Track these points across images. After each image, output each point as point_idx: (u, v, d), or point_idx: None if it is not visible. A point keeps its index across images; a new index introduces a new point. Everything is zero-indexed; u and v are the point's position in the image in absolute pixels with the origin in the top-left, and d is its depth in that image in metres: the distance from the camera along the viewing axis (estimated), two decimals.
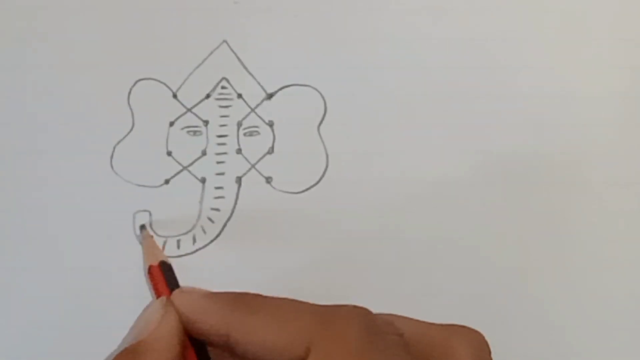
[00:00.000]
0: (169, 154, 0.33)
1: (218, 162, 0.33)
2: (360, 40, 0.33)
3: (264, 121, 0.33)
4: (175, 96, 0.33)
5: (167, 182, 0.32)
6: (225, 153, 0.33)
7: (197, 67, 0.33)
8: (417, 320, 0.25)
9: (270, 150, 0.33)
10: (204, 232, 0.32)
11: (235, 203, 0.32)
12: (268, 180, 0.32)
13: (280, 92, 0.33)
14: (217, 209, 0.32)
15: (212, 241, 0.32)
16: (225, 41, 0.33)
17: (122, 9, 0.34)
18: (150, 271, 0.29)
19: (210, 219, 0.32)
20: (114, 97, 0.33)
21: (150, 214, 0.32)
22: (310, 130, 0.33)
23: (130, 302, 0.31)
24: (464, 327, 0.25)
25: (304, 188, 0.32)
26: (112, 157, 0.32)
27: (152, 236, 0.31)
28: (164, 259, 0.29)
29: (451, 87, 0.33)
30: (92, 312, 0.31)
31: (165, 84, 0.33)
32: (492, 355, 0.24)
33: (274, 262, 0.31)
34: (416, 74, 0.33)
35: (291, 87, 0.33)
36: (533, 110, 0.33)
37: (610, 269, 0.32)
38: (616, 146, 0.33)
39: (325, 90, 0.33)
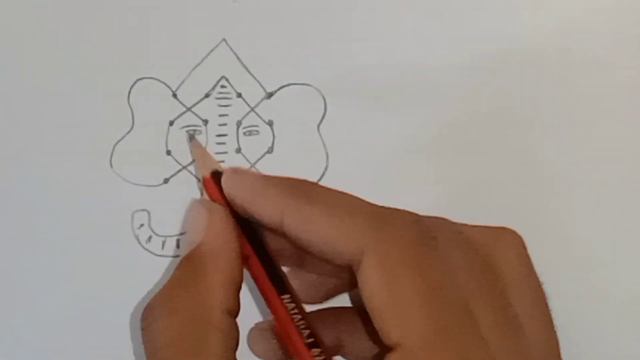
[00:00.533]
0: (169, 153, 0.33)
1: (218, 162, 0.33)
2: (360, 39, 0.33)
3: (263, 120, 0.33)
4: (174, 95, 0.33)
5: (166, 181, 0.32)
6: (225, 152, 0.33)
7: (197, 66, 0.33)
8: (462, 224, 0.25)
9: (270, 150, 0.33)
10: None
11: None
12: None
13: (280, 91, 0.33)
14: None
15: None
16: (224, 40, 0.33)
17: (121, 8, 0.33)
18: (204, 184, 0.28)
19: None
20: (113, 97, 0.33)
21: (149, 213, 0.32)
22: (310, 129, 0.33)
23: (130, 302, 0.31)
24: (504, 227, 0.25)
25: None
26: (111, 156, 0.32)
27: (203, 146, 0.31)
28: (217, 168, 0.28)
29: (451, 87, 0.33)
30: (90, 312, 0.31)
31: (164, 83, 0.33)
32: None
33: None
34: (416, 73, 0.33)
35: (291, 86, 0.33)
36: (533, 110, 0.33)
37: (610, 269, 0.32)
38: (616, 146, 0.33)
39: (325, 90, 0.33)
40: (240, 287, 0.24)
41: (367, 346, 0.27)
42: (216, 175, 0.27)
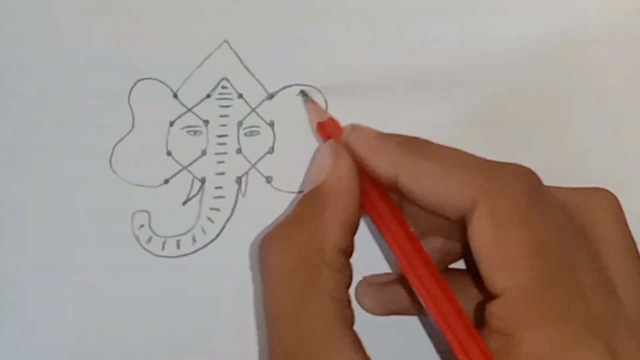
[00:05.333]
0: (169, 153, 0.33)
1: (218, 162, 0.33)
2: (361, 40, 0.33)
3: (264, 121, 0.33)
4: (175, 96, 0.33)
5: (166, 181, 0.32)
6: (225, 153, 0.33)
7: (198, 66, 0.33)
8: (555, 187, 0.25)
9: (271, 150, 0.33)
10: (204, 232, 0.32)
11: (235, 203, 0.32)
12: (268, 180, 0.32)
13: (281, 92, 0.33)
14: (217, 209, 0.32)
15: (212, 241, 0.32)
16: (226, 41, 0.33)
17: (122, 8, 0.34)
18: (321, 127, 0.29)
19: (210, 219, 0.32)
20: (114, 97, 0.33)
21: (149, 214, 0.32)
22: (311, 130, 0.33)
23: (130, 302, 0.31)
24: (598, 188, 0.26)
25: None
26: (111, 156, 0.32)
27: (313, 100, 0.32)
28: (332, 116, 0.30)
29: (451, 87, 0.33)
30: (90, 312, 0.31)
31: (165, 84, 0.33)
32: None
33: None
34: (416, 73, 0.33)
35: (292, 87, 0.33)
36: (533, 110, 0.33)
37: None
38: (616, 146, 0.33)
39: (326, 90, 0.33)
40: (355, 230, 0.25)
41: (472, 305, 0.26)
42: (332, 124, 0.29)
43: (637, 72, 0.33)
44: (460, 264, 0.29)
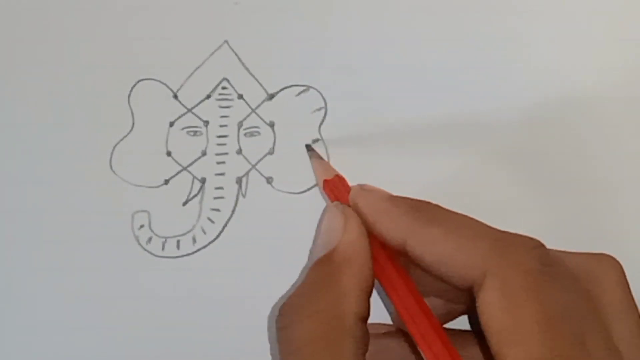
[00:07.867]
0: (169, 154, 0.33)
1: (218, 163, 0.33)
2: (361, 40, 0.33)
3: (264, 122, 0.33)
4: (175, 96, 0.33)
5: (166, 182, 0.32)
6: (225, 153, 0.33)
7: (198, 67, 0.33)
8: (562, 251, 0.25)
9: (271, 151, 0.33)
10: (204, 232, 0.32)
11: (236, 203, 0.32)
12: (269, 180, 0.32)
13: (281, 92, 0.33)
14: (217, 210, 0.32)
15: (212, 242, 0.32)
16: (226, 41, 0.33)
17: (122, 9, 0.34)
18: (327, 184, 0.29)
19: (210, 220, 0.32)
20: (114, 97, 0.33)
21: (149, 214, 0.32)
22: (311, 130, 0.33)
23: (130, 303, 0.31)
24: (604, 254, 0.26)
25: (304, 188, 0.32)
26: (111, 157, 0.32)
27: (319, 156, 0.32)
28: (338, 173, 0.30)
29: (451, 87, 0.33)
30: (90, 313, 0.31)
31: (165, 85, 0.33)
32: None
33: (274, 262, 0.31)
34: (416, 73, 0.33)
35: (292, 88, 0.33)
36: (533, 110, 0.33)
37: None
38: (616, 146, 0.33)
39: (326, 91, 0.33)
40: (371, 294, 0.25)
41: None
42: (340, 179, 0.29)
43: (638, 73, 0.33)
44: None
